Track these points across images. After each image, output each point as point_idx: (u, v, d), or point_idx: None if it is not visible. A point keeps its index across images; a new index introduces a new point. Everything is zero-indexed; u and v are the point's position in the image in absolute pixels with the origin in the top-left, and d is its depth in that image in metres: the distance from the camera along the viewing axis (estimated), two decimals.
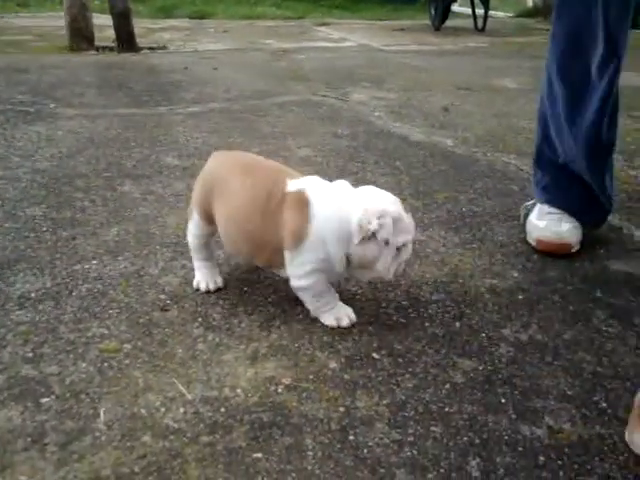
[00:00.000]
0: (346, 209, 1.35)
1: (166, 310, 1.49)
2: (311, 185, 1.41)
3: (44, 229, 1.87)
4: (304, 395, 1.22)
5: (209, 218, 1.51)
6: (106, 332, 1.39)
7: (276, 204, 1.38)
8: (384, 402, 1.21)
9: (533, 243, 1.90)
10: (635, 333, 1.46)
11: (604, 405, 1.23)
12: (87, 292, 1.55)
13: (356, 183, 1.47)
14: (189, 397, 1.20)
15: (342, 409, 1.19)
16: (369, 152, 2.74)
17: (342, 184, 1.44)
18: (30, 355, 1.30)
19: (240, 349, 1.35)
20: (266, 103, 3.55)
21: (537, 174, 2.02)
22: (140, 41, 5.33)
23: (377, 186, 1.45)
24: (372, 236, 1.34)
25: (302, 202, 1.37)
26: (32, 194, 2.12)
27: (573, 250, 1.87)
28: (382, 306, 1.55)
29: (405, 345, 1.39)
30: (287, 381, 1.26)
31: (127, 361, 1.30)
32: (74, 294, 1.54)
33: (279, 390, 1.23)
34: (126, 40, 5.05)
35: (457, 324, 1.48)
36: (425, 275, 1.71)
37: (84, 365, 1.28)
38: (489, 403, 1.22)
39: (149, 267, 1.68)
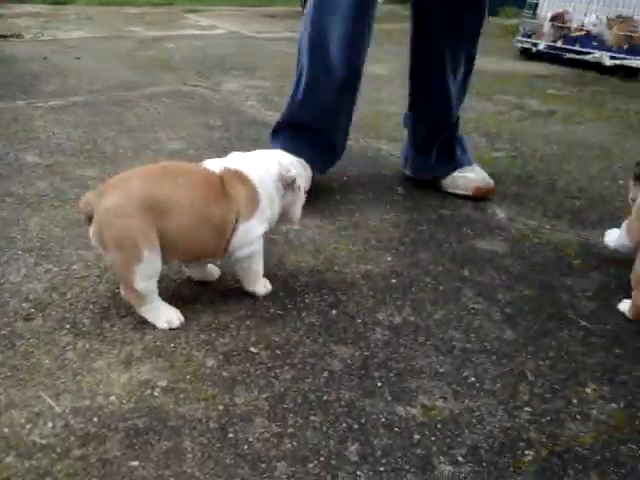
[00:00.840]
0: (269, 168, 1.50)
1: (30, 319, 1.40)
2: (232, 160, 1.50)
3: None
4: (181, 396, 1.19)
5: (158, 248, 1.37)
6: None
7: (220, 188, 1.41)
8: (263, 396, 1.21)
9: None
10: (499, 309, 1.55)
11: (473, 379, 1.29)
12: None
13: None
14: (58, 410, 1.14)
15: (221, 407, 1.18)
16: (242, 142, 2.72)
17: (240, 154, 1.55)
18: None
19: (113, 354, 1.30)
20: (134, 94, 3.42)
21: None
22: None
23: None
24: (292, 183, 1.52)
25: (240, 175, 1.45)
26: None
27: None
28: (259, 299, 1.54)
29: (283, 337, 1.40)
30: (163, 383, 1.23)
31: None
32: None
33: (155, 393, 1.20)
34: None
35: (334, 312, 1.50)
36: (301, 264, 1.72)
37: None
38: (366, 388, 1.25)
39: (10, 274, 1.57)
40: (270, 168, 1.51)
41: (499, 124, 3.21)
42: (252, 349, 1.35)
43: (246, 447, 1.08)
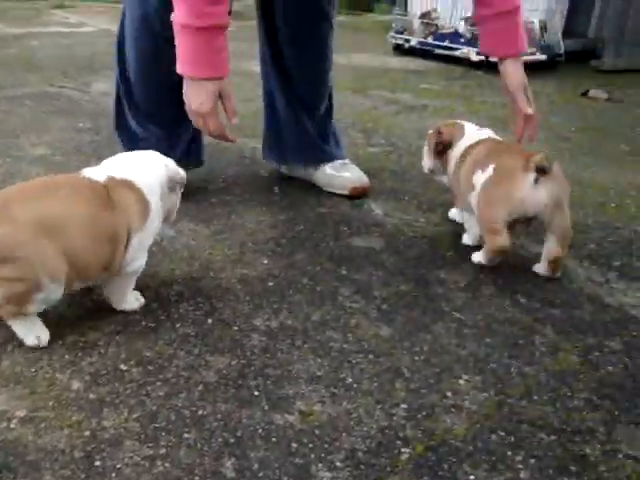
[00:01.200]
0: (157, 173, 1.45)
1: None
2: (115, 166, 1.42)
3: None
4: (42, 426, 1.11)
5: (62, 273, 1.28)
6: None
7: (107, 198, 1.33)
8: (133, 416, 1.15)
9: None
10: (376, 306, 1.56)
11: (350, 380, 1.29)
12: None
13: None
14: None
15: (87, 433, 1.10)
16: (113, 146, 2.58)
17: (121, 158, 1.48)
18: None
19: None
20: None
21: None
22: None
23: None
24: (180, 185, 1.53)
25: (127, 183, 1.37)
26: None
27: None
28: (129, 313, 1.47)
29: (155, 351, 1.34)
30: (22, 413, 1.14)
31: None
32: None
33: (12, 425, 1.11)
34: None
35: (209, 320, 1.46)
36: (175, 272, 1.66)
37: None
38: (242, 398, 1.21)
39: None
40: (158, 172, 1.46)
41: (375, 119, 3.26)
42: (122, 367, 1.28)
43: (114, 475, 1.02)
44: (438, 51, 4.92)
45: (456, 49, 4.77)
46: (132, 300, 1.47)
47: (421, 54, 5.05)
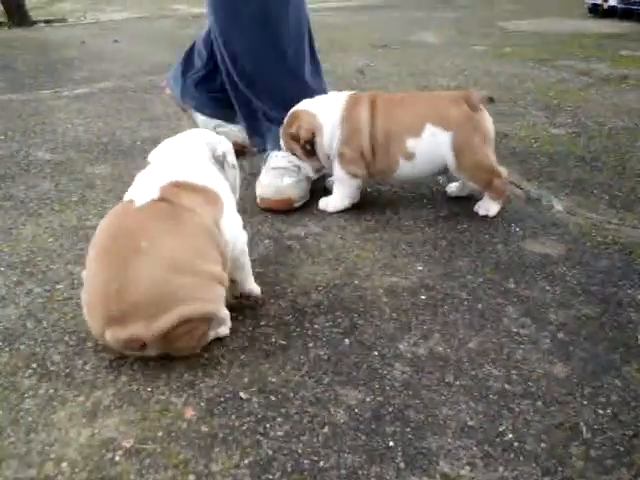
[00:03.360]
0: (202, 157, 1.35)
1: None
2: (165, 170, 1.27)
3: None
4: (147, 462, 0.99)
5: None
6: None
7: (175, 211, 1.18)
8: (245, 462, 0.99)
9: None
10: (549, 334, 1.27)
11: (510, 436, 1.03)
12: None
13: None
14: None
15: (192, 477, 0.96)
16: None
17: (162, 154, 1.35)
18: None
19: (78, 402, 1.11)
20: (163, 77, 3.23)
21: None
22: (38, 13, 4.89)
23: None
24: (223, 160, 1.39)
25: (182, 186, 1.23)
26: None
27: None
28: (261, 323, 1.32)
29: (281, 377, 1.17)
30: (129, 443, 1.02)
31: None
32: None
33: (117, 458, 1.00)
34: (17, 13, 4.60)
35: (346, 341, 1.26)
36: (316, 277, 1.48)
37: None
38: (374, 449, 1.01)
39: None
40: (201, 156, 1.34)
41: (561, 94, 2.85)
42: (242, 394, 1.13)
43: None
44: None
45: None
46: (254, 284, 1.38)
47: (623, 15, 4.42)
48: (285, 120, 1.78)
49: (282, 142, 1.81)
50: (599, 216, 1.75)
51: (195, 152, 1.35)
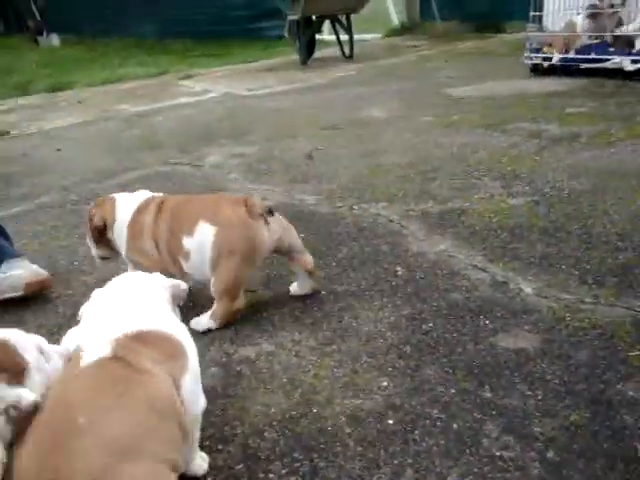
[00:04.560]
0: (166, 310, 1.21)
1: None
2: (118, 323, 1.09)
3: None
4: None
5: None
6: None
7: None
8: None
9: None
10: (537, 454, 1.11)
11: None
12: None
13: None
14: None
15: None
16: None
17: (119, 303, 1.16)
18: None
19: None
20: (107, 185, 3.10)
21: None
22: None
23: None
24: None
25: (141, 339, 1.06)
26: None
27: None
28: (207, 479, 1.13)
29: None
30: None
31: None
32: None
33: None
34: None
35: None
36: (270, 410, 1.31)
37: None
38: None
39: None
40: (159, 296, 1.20)
41: (515, 160, 2.78)
42: None
43: None
44: (585, 65, 4.32)
45: (605, 60, 4.15)
46: (198, 461, 1.13)
47: (563, 72, 4.47)
48: (97, 200, 1.89)
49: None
50: (571, 296, 1.62)
51: (152, 292, 1.19)
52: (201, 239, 1.59)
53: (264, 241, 1.58)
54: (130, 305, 1.12)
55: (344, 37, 7.18)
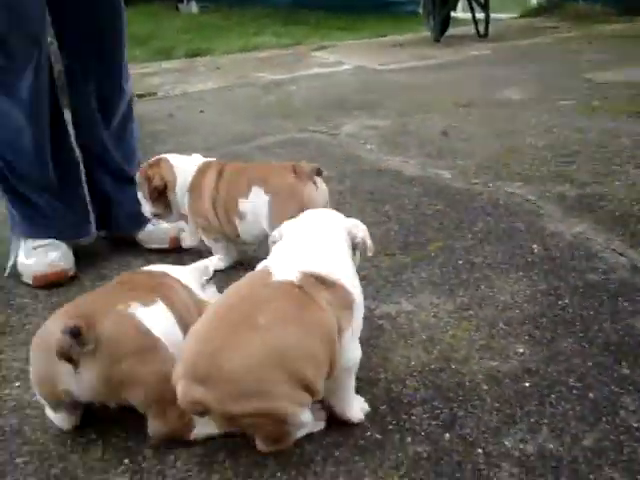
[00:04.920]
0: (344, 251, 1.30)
1: (88, 449, 1.21)
2: (305, 258, 1.21)
3: None
4: None
5: None
6: None
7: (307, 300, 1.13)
8: None
9: (30, 282, 1.90)
10: None
11: None
12: None
13: None
14: None
15: None
16: (356, 197, 2.46)
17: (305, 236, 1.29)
18: None
19: None
20: (248, 147, 3.30)
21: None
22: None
23: None
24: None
25: (325, 281, 1.16)
26: None
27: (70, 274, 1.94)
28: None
29: (379, 477, 1.10)
30: None
31: None
32: None
33: None
34: None
35: (446, 436, 1.18)
36: (410, 362, 1.41)
37: None
38: None
39: None
40: (342, 243, 1.28)
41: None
42: None
43: None
44: None
45: None
46: (357, 409, 1.24)
47: None
48: (149, 161, 1.99)
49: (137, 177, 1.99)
50: None
51: (337, 239, 1.28)
52: (255, 202, 1.78)
53: (313, 199, 1.73)
54: (319, 244, 1.24)
55: (479, 15, 7.06)
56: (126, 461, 1.18)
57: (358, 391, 1.31)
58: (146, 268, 1.42)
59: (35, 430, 1.28)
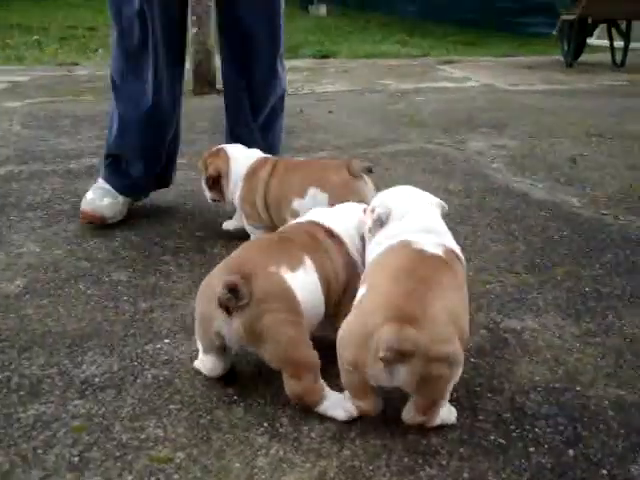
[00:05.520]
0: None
1: (231, 409, 1.33)
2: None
3: (125, 298, 1.79)
4: None
5: None
6: (161, 434, 1.25)
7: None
8: None
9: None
10: None
11: None
12: (152, 379, 1.43)
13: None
14: None
15: None
16: (482, 212, 2.50)
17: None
18: (76, 460, 1.18)
19: (305, 468, 1.17)
20: (376, 152, 3.39)
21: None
22: None
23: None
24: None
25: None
26: (122, 255, 2.07)
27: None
28: (479, 417, 1.31)
29: (501, 478, 1.15)
30: None
31: (176, 476, 1.15)
32: (138, 381, 1.42)
33: None
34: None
35: (570, 452, 1.22)
36: (534, 378, 1.45)
37: (129, 478, 1.14)
38: None
39: None
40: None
41: None
42: None
43: None
44: None
45: None
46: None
47: None
48: (210, 150, 2.18)
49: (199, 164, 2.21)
50: None
51: (437, 213, 1.46)
52: (312, 202, 1.90)
53: (366, 195, 1.86)
54: (437, 220, 1.43)
55: (618, 43, 6.86)
56: (265, 424, 1.29)
57: (480, 396, 1.37)
58: (313, 215, 1.57)
59: (184, 383, 1.41)
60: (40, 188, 2.69)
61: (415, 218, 1.40)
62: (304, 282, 1.34)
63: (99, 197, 2.26)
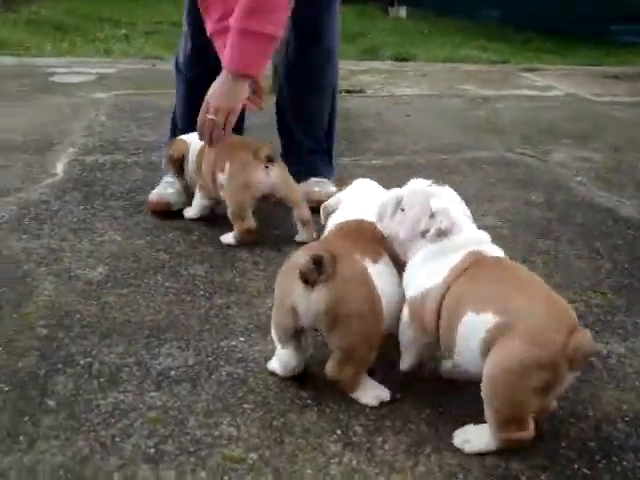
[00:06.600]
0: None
1: (304, 412, 1.32)
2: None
3: (201, 293, 1.80)
4: None
5: None
6: (235, 433, 1.25)
7: None
8: None
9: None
10: None
11: None
12: (227, 377, 1.43)
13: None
14: None
15: None
16: (565, 227, 2.41)
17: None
18: (152, 451, 1.20)
19: None
20: (455, 159, 3.32)
21: None
22: (340, 83, 5.34)
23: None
24: None
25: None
26: (200, 250, 2.09)
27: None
28: (562, 445, 1.26)
29: None
30: None
31: (248, 477, 1.14)
32: (213, 377, 1.43)
33: None
34: None
35: None
36: (622, 406, 1.38)
37: (203, 475, 1.14)
38: None
39: None
40: None
41: None
42: None
43: None
44: None
45: None
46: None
47: None
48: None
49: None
50: None
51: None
52: (225, 175, 2.06)
53: (258, 179, 2.02)
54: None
55: None
56: (338, 432, 1.27)
57: (563, 421, 1.31)
58: (362, 213, 1.55)
59: (258, 383, 1.41)
60: (122, 178, 2.75)
61: (472, 229, 1.40)
62: (384, 277, 1.36)
63: (163, 188, 2.37)
